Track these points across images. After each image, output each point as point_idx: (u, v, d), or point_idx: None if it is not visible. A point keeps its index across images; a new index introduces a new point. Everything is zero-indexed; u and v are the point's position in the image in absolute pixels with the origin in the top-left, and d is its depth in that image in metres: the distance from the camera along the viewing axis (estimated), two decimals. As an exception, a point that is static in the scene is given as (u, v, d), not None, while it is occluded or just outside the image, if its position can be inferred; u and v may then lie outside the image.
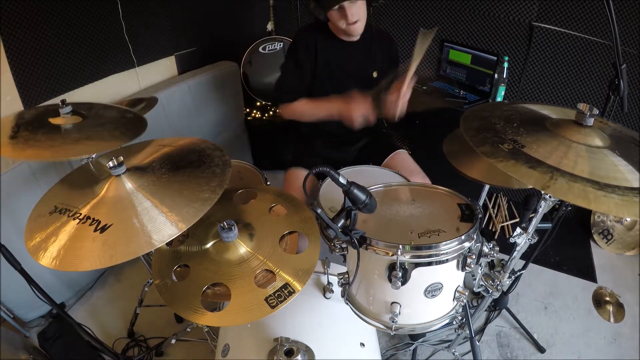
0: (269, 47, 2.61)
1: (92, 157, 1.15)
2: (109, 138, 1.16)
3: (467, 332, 1.38)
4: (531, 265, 1.75)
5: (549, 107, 1.02)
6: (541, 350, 1.63)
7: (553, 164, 0.79)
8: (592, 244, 2.19)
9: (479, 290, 1.22)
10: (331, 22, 1.47)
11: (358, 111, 1.38)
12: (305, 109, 1.54)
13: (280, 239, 1.01)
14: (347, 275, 1.09)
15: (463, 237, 0.93)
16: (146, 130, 1.25)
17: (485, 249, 1.03)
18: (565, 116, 0.94)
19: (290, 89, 1.54)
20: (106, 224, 0.82)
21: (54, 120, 1.21)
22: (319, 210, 0.88)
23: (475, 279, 1.18)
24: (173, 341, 1.53)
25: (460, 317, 1.13)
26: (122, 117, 1.31)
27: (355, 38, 1.50)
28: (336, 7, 1.32)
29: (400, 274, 0.91)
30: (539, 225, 1.02)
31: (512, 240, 1.06)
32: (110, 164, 0.89)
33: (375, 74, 1.57)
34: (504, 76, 2.03)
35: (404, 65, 1.47)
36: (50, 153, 1.09)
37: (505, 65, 2.01)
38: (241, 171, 1.57)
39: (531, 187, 1.24)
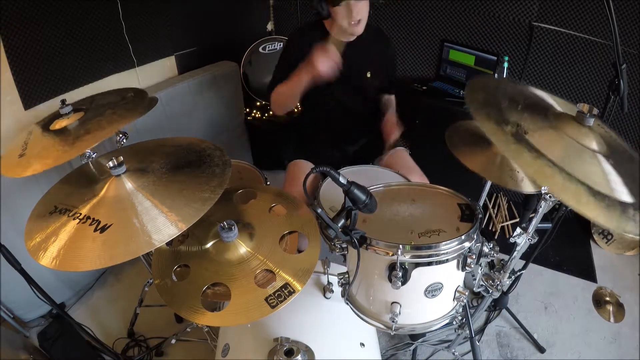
0: (269, 47, 2.61)
1: (93, 157, 1.15)
2: (107, 125, 1.12)
3: (467, 332, 1.38)
4: (531, 265, 1.74)
5: (554, 97, 0.99)
6: (541, 350, 1.63)
7: (552, 158, 0.77)
8: (592, 244, 2.19)
9: (479, 290, 1.22)
10: (330, 21, 1.47)
11: (321, 62, 1.30)
12: (283, 90, 1.47)
13: (280, 238, 1.01)
14: (347, 275, 1.09)
15: (463, 237, 0.93)
16: (152, 107, 1.21)
17: (485, 249, 1.03)
18: (569, 111, 0.92)
19: (278, 80, 1.50)
20: (106, 224, 0.82)
21: (57, 124, 1.17)
22: (319, 210, 0.88)
23: (475, 279, 1.18)
24: (173, 341, 1.53)
25: (460, 317, 1.13)
26: (121, 99, 1.27)
27: (352, 38, 1.50)
28: (343, 3, 1.32)
29: (400, 274, 0.91)
30: (539, 225, 1.02)
31: (512, 240, 1.06)
32: (110, 164, 0.89)
33: (368, 74, 1.57)
34: (504, 76, 2.03)
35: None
36: (52, 160, 1.04)
37: (505, 65, 2.00)
38: (241, 171, 1.57)
39: (528, 192, 1.25)
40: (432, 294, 0.98)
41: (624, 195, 0.76)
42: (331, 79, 1.53)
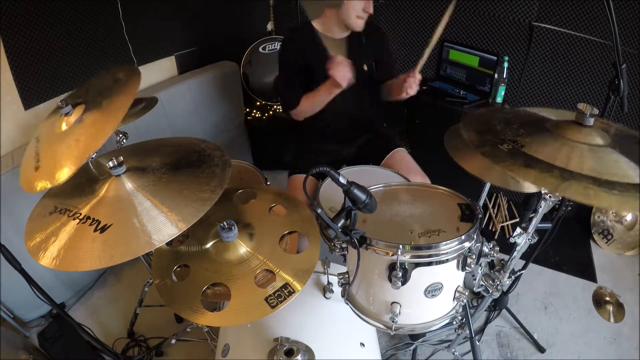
0: (269, 47, 2.61)
1: (93, 157, 1.15)
2: (108, 118, 1.06)
3: (467, 332, 1.38)
4: (531, 265, 1.75)
5: (548, 110, 1.02)
6: (541, 350, 1.63)
7: (552, 163, 0.79)
8: (592, 244, 2.19)
9: (479, 290, 1.22)
10: (320, 20, 1.51)
11: (338, 73, 1.38)
12: (308, 104, 1.55)
13: (280, 239, 1.01)
14: (347, 275, 1.09)
15: (463, 237, 0.93)
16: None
17: (485, 249, 1.03)
18: (565, 118, 0.94)
19: (293, 95, 1.56)
20: (106, 224, 0.82)
21: (62, 126, 1.10)
22: (319, 210, 0.88)
23: (475, 279, 1.18)
24: (173, 341, 1.53)
25: (460, 317, 1.13)
26: (114, 82, 1.20)
27: (345, 34, 1.52)
28: None
29: (400, 274, 0.91)
30: (539, 225, 1.02)
31: (512, 240, 1.06)
32: (110, 164, 0.89)
33: (365, 67, 1.58)
34: (504, 76, 2.03)
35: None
36: (68, 166, 0.93)
37: (505, 65, 2.01)
38: (241, 171, 1.57)
39: (529, 191, 1.25)
40: (432, 294, 0.98)
41: (637, 178, 0.77)
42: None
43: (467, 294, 1.05)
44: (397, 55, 1.72)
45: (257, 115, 2.65)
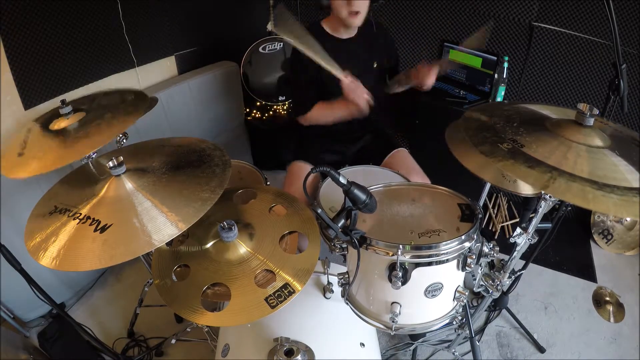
0: (269, 47, 2.60)
1: (92, 157, 1.15)
2: (106, 130, 1.12)
3: (467, 332, 1.38)
4: (531, 265, 1.75)
5: (550, 107, 1.02)
6: (541, 350, 1.63)
7: (552, 164, 0.79)
8: (592, 244, 2.19)
9: (479, 290, 1.22)
10: (328, 19, 1.50)
11: (358, 99, 1.41)
12: (322, 114, 1.56)
13: (280, 239, 1.01)
14: (347, 275, 1.09)
15: (463, 237, 0.93)
16: (148, 121, 1.23)
17: (486, 249, 1.03)
18: (566, 116, 0.94)
19: (307, 100, 1.56)
20: (106, 224, 0.82)
21: (57, 125, 1.17)
22: (319, 210, 0.88)
23: (475, 279, 1.18)
24: (173, 341, 1.53)
25: (460, 317, 1.13)
26: (122, 102, 1.27)
27: (353, 33, 1.51)
28: None
29: (400, 274, 0.91)
30: (539, 225, 1.02)
31: (512, 240, 1.06)
32: (110, 164, 0.89)
33: (375, 65, 1.59)
34: (504, 76, 2.02)
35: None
36: (50, 162, 1.04)
37: (505, 65, 2.00)
38: (241, 171, 1.57)
39: (527, 195, 1.25)
40: (432, 294, 0.98)
41: (635, 182, 0.77)
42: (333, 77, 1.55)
43: (467, 294, 1.05)
44: (396, 45, 1.74)
45: (257, 115, 2.65)
